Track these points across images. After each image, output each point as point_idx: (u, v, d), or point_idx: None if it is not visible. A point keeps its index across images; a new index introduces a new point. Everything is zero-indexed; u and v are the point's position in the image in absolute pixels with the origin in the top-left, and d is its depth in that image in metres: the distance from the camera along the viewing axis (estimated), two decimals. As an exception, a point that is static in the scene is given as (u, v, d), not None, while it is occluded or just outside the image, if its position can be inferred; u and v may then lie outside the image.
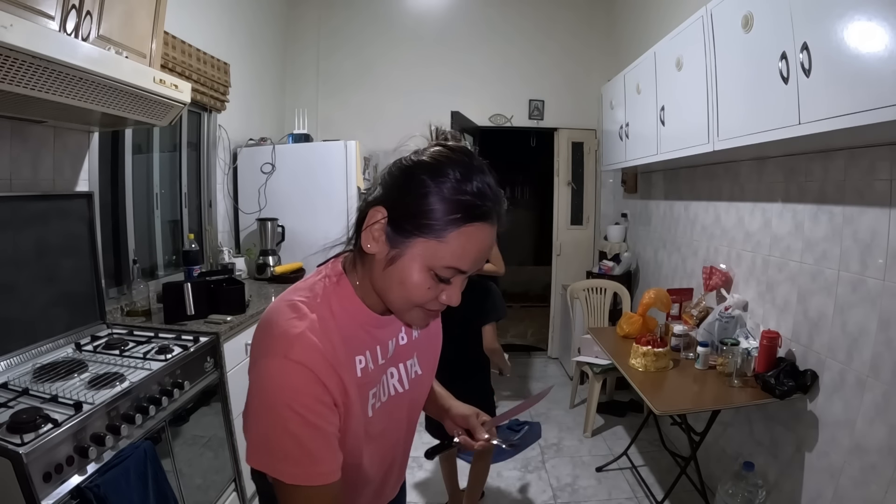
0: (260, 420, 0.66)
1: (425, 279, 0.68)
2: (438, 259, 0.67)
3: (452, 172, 0.66)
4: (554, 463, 2.67)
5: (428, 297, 0.70)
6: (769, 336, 1.85)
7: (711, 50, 1.94)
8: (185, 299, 1.96)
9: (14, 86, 1.13)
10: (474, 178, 0.67)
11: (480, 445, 0.91)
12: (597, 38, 4.12)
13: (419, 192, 0.66)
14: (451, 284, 0.70)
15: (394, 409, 0.84)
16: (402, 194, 0.68)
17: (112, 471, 1.22)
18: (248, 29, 3.33)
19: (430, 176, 0.67)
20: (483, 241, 0.68)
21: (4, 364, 1.44)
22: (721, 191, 2.45)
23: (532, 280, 6.50)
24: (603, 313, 3.52)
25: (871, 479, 1.49)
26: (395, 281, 0.69)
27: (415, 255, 0.67)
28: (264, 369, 0.66)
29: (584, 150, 4.20)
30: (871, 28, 1.18)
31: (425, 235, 0.66)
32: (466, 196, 0.66)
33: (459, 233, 0.66)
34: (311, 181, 3.06)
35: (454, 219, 0.65)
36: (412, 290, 0.69)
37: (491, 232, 0.69)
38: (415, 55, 4.08)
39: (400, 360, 0.84)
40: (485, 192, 0.67)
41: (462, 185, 0.66)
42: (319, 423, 0.66)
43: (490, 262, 2.17)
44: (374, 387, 0.79)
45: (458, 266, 0.68)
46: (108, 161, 2.16)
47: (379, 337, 0.79)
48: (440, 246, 0.66)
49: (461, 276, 0.70)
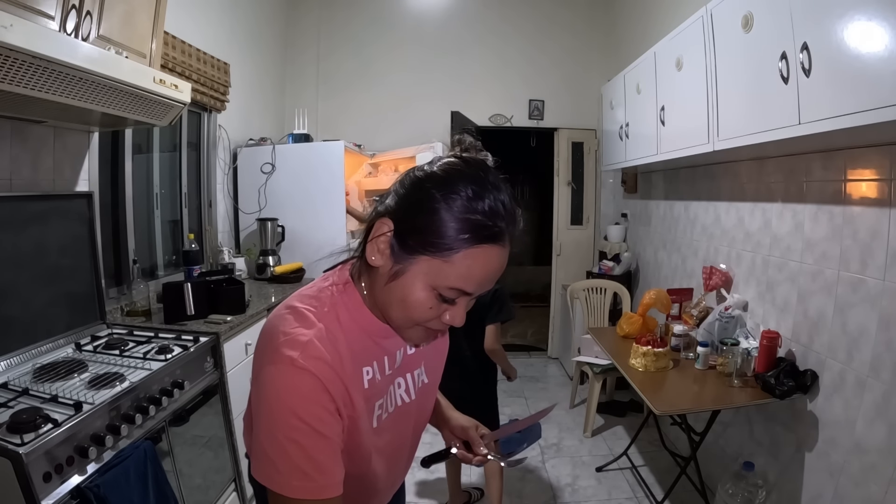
0: (264, 431, 0.63)
1: (428, 298, 0.65)
2: (443, 279, 0.63)
3: (464, 189, 0.62)
4: (554, 463, 2.67)
5: (430, 316, 0.67)
6: (769, 336, 1.85)
7: (711, 50, 1.94)
8: (185, 299, 1.96)
9: (14, 86, 1.13)
10: (487, 196, 0.63)
11: (478, 461, 0.89)
12: (597, 38, 4.12)
13: (427, 207, 0.63)
14: (455, 305, 0.67)
15: (400, 419, 0.83)
16: (410, 208, 0.65)
17: (112, 471, 1.22)
18: (248, 29, 3.33)
19: (440, 190, 0.63)
20: (491, 264, 0.64)
21: (4, 364, 1.44)
22: (721, 191, 2.45)
23: (532, 280, 6.50)
24: (603, 313, 3.52)
25: (871, 479, 1.49)
26: (396, 297, 0.67)
27: (418, 272, 0.64)
28: (269, 377, 0.64)
29: (584, 150, 4.20)
30: (871, 28, 1.18)
31: (430, 254, 0.63)
32: (477, 215, 0.62)
33: (467, 254, 0.62)
34: (311, 181, 3.06)
35: (462, 239, 0.62)
36: (413, 309, 0.66)
37: (501, 254, 0.65)
38: (415, 55, 4.08)
39: (407, 370, 0.83)
40: (497, 212, 0.63)
41: (473, 204, 0.62)
42: (326, 432, 0.64)
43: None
44: (381, 398, 0.77)
45: (463, 288, 0.64)
46: (108, 161, 2.16)
47: (387, 347, 0.76)
48: (445, 266, 0.63)
49: (466, 298, 0.67)
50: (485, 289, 0.66)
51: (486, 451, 0.87)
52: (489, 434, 0.92)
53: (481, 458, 0.88)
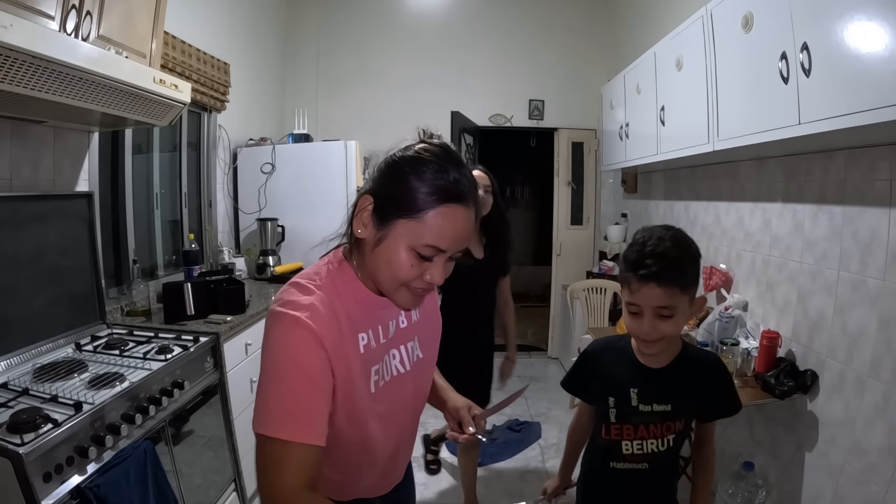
0: (268, 382, 0.72)
1: (408, 258, 0.75)
2: (419, 238, 0.74)
3: (431, 163, 0.75)
4: (554, 463, 2.66)
5: (412, 274, 0.76)
6: (769, 336, 1.85)
7: (711, 50, 1.94)
8: (185, 299, 1.96)
9: (14, 86, 1.13)
10: (450, 169, 0.75)
11: (464, 438, 0.94)
12: (597, 38, 4.12)
13: (401, 179, 0.75)
14: (433, 263, 0.76)
15: (396, 389, 0.88)
16: (387, 183, 0.77)
17: (112, 471, 1.22)
18: (248, 29, 3.33)
19: (411, 165, 0.76)
20: (459, 222, 0.75)
21: (4, 364, 1.44)
22: (721, 191, 2.45)
23: (532, 280, 6.50)
24: (603, 313, 3.51)
25: (871, 479, 1.49)
26: (382, 261, 0.76)
27: (398, 235, 0.75)
28: (276, 335, 0.73)
29: (584, 150, 4.20)
30: (871, 28, 1.18)
31: (406, 217, 0.74)
32: (442, 181, 0.74)
33: (436, 213, 0.73)
34: (311, 181, 3.06)
35: (431, 200, 0.73)
36: (397, 269, 0.75)
37: (468, 214, 0.76)
38: (415, 55, 4.08)
39: (401, 342, 0.90)
40: (459, 179, 0.75)
41: (439, 173, 0.74)
42: (321, 383, 0.73)
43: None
44: (377, 364, 0.84)
45: (436, 244, 0.74)
46: (108, 161, 2.16)
47: (380, 317, 0.85)
48: (419, 226, 0.74)
49: (442, 256, 0.76)
50: (457, 247, 0.76)
51: (473, 429, 0.93)
52: (480, 414, 0.97)
53: (467, 437, 0.93)
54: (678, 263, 1.01)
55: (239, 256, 2.97)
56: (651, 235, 1.04)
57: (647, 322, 1.03)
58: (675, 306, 1.01)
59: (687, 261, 1.03)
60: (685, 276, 1.02)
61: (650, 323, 1.02)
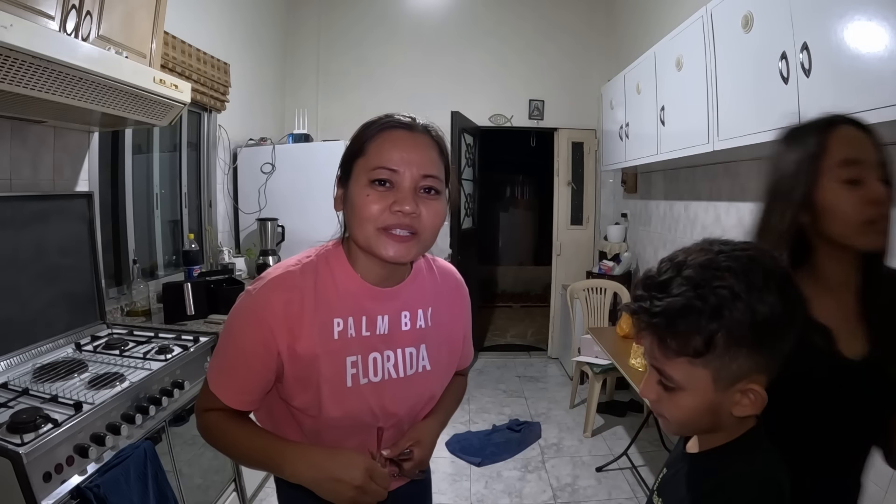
0: (220, 341, 0.85)
1: (368, 191, 0.77)
2: (369, 167, 0.78)
3: (378, 118, 0.83)
4: (554, 463, 2.67)
5: (378, 209, 0.76)
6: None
7: (711, 50, 1.94)
8: (185, 299, 1.96)
9: (14, 86, 1.13)
10: (392, 114, 0.83)
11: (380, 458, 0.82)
12: (597, 38, 4.12)
13: (352, 138, 0.83)
14: (394, 190, 0.77)
15: (385, 394, 0.84)
16: (345, 151, 0.84)
17: (112, 471, 1.22)
18: (248, 29, 3.33)
19: (362, 128, 0.83)
20: (399, 140, 0.79)
21: (4, 364, 1.44)
22: (721, 191, 2.45)
23: (532, 280, 6.51)
24: (603, 313, 3.51)
25: (871, 479, 1.49)
26: (353, 211, 0.79)
27: (356, 180, 0.79)
28: (238, 302, 0.83)
29: (584, 150, 4.20)
30: (871, 28, 1.18)
31: (356, 160, 0.80)
32: (380, 119, 0.82)
33: (376, 140, 0.79)
34: (311, 181, 3.05)
35: (369, 134, 0.80)
36: (362, 207, 0.77)
37: (410, 135, 0.80)
38: (415, 54, 4.08)
39: (399, 345, 0.87)
40: (397, 115, 0.82)
41: (380, 118, 0.83)
42: (252, 359, 0.80)
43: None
44: (354, 356, 0.83)
45: (385, 164, 0.77)
46: (108, 161, 2.16)
47: (365, 307, 0.84)
48: (367, 159, 0.79)
49: (403, 182, 0.77)
50: (410, 167, 0.77)
51: (388, 453, 0.82)
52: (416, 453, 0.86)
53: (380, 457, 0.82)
54: (675, 311, 0.60)
55: (239, 256, 2.97)
56: (681, 254, 0.65)
57: (644, 380, 0.70)
58: (672, 376, 0.63)
59: (693, 314, 0.59)
60: (682, 335, 0.60)
61: (645, 382, 0.69)
